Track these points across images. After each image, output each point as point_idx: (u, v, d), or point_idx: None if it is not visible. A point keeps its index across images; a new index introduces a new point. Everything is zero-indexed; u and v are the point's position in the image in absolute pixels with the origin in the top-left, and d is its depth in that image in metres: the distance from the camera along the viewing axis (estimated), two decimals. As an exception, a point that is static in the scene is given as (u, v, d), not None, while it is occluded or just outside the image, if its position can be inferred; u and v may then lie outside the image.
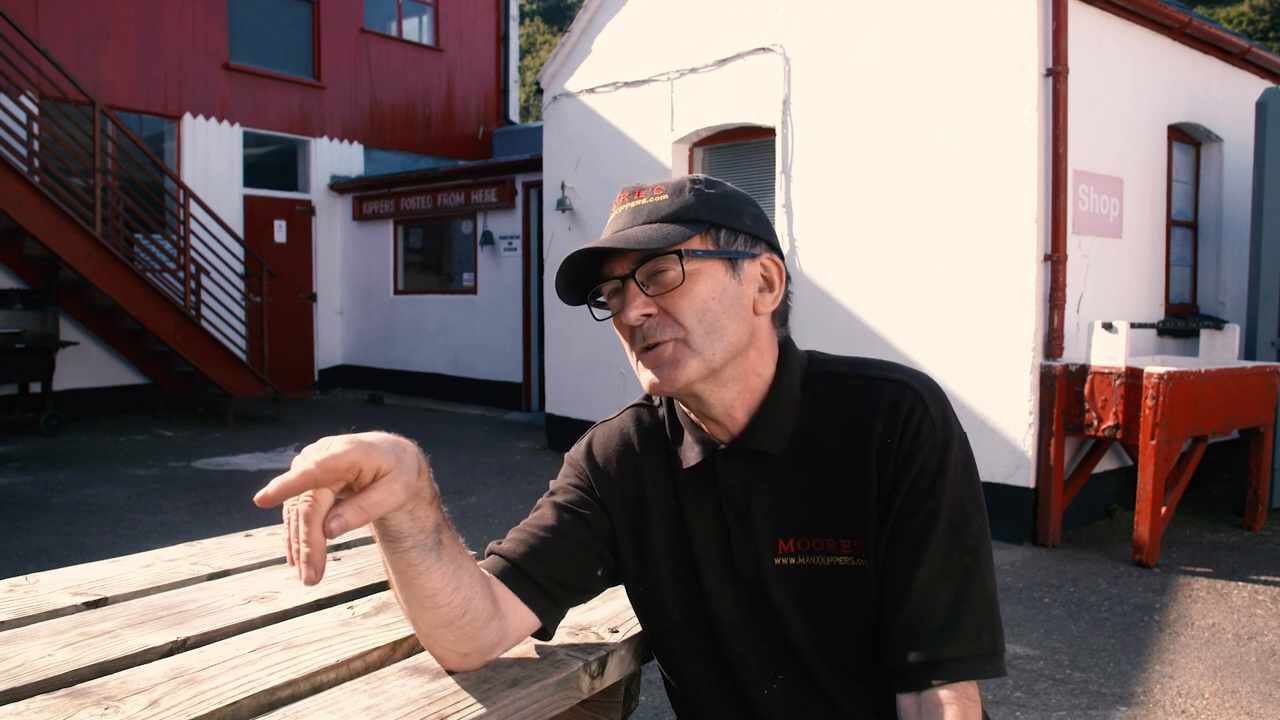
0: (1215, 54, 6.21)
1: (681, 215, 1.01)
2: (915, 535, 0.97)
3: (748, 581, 1.05)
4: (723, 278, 1.01)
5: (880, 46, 5.43)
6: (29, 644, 1.04)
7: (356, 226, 11.34)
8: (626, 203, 1.05)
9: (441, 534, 0.94)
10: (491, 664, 1.03)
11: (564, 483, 1.17)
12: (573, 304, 1.08)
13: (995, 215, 4.98)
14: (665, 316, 1.00)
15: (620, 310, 1.02)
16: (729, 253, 1.02)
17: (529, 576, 1.06)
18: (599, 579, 1.13)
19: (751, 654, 1.06)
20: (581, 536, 1.11)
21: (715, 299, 1.00)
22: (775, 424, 1.04)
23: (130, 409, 9.20)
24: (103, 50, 9.22)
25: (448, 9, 12.50)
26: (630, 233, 1.00)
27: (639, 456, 1.13)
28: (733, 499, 1.06)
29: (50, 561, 4.24)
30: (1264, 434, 5.07)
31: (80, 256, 7.65)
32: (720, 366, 1.01)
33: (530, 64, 29.27)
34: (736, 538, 1.05)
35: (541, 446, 7.63)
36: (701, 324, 1.00)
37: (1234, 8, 27.33)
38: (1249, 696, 3.03)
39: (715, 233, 1.02)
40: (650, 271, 1.00)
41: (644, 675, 1.26)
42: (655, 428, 1.15)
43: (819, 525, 1.03)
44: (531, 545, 1.08)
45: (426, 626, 0.97)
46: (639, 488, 1.12)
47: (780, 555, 1.04)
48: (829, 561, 1.02)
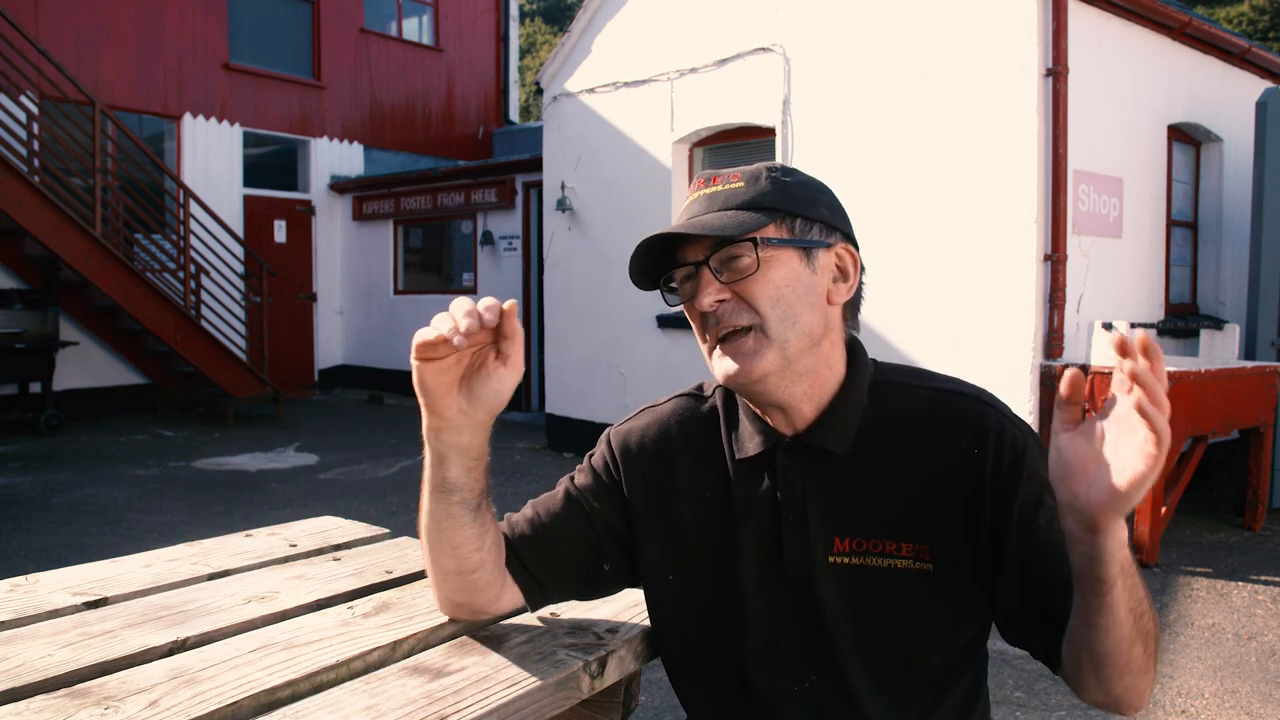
0: (1215, 54, 6.21)
1: (757, 203, 1.00)
2: (1044, 531, 0.98)
3: (794, 579, 1.04)
4: (797, 266, 1.01)
5: (880, 47, 5.43)
6: (29, 644, 1.04)
7: (356, 226, 11.34)
8: (702, 189, 1.04)
9: (483, 499, 1.04)
10: (492, 664, 1.03)
11: (590, 465, 1.18)
12: (645, 289, 1.08)
13: (995, 215, 4.98)
14: (739, 302, 1.00)
15: (693, 296, 1.02)
16: (804, 241, 1.01)
17: (520, 560, 1.11)
18: (605, 574, 1.14)
19: (786, 652, 1.05)
20: (583, 531, 1.12)
21: (790, 286, 1.00)
22: (844, 422, 1.04)
23: (130, 409, 9.20)
24: (103, 50, 9.22)
25: (448, 9, 12.50)
26: (706, 219, 1.00)
27: (680, 447, 1.13)
28: (790, 494, 1.05)
29: (50, 561, 4.24)
30: (1264, 434, 5.07)
31: (80, 256, 7.65)
32: (795, 357, 1.01)
33: (530, 64, 29.28)
34: (789, 533, 1.04)
35: (541, 446, 7.63)
36: (776, 310, 0.99)
37: (1234, 8, 27.33)
38: (1249, 696, 3.03)
39: (790, 221, 1.01)
40: (725, 258, 1.00)
41: (644, 675, 1.26)
42: (704, 417, 1.15)
43: (879, 527, 1.03)
44: (531, 530, 1.12)
45: (440, 571, 1.07)
46: (675, 479, 1.12)
47: (836, 554, 1.03)
48: (886, 564, 1.02)
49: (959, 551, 1.01)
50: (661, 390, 1.28)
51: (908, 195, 5.31)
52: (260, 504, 5.57)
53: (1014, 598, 1.00)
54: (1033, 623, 0.98)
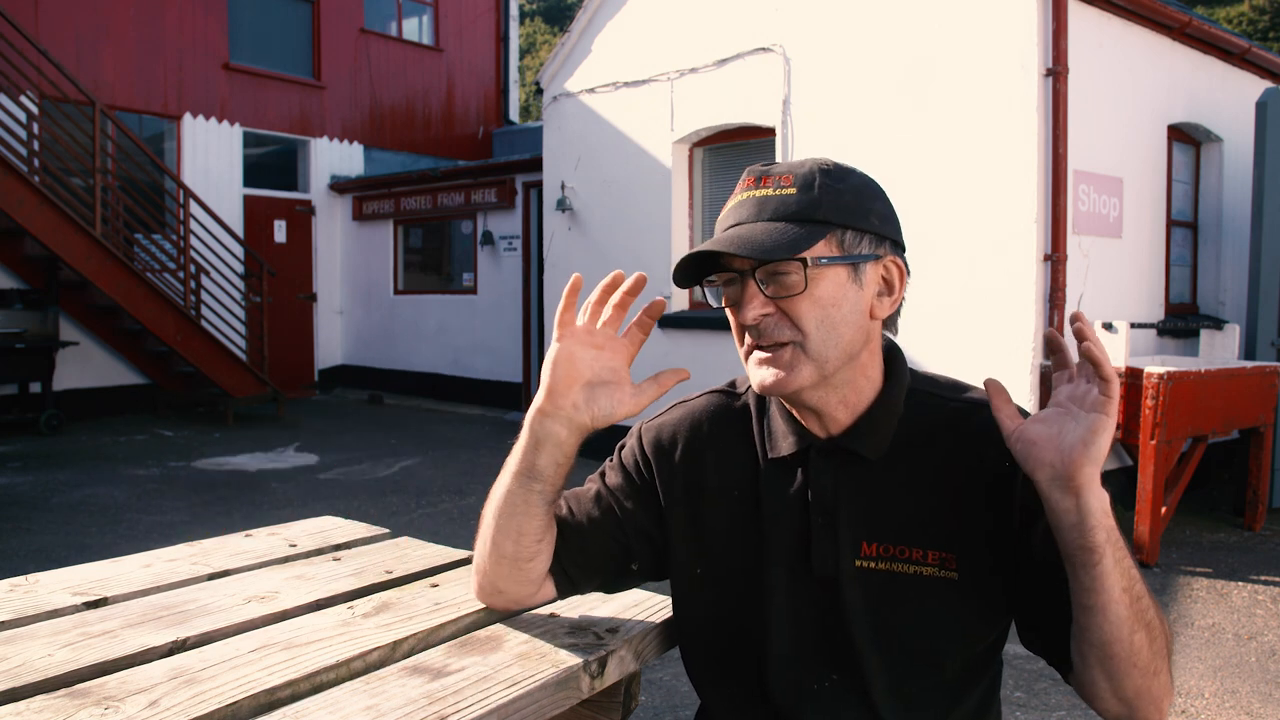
0: (1215, 54, 6.21)
1: (808, 214, 0.98)
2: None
3: (821, 580, 1.05)
4: (844, 282, 1.00)
5: (880, 47, 5.44)
6: (29, 644, 1.04)
7: (356, 226, 11.34)
8: (752, 189, 1.02)
9: (557, 498, 1.08)
10: (492, 664, 1.03)
11: (620, 462, 1.19)
12: (683, 287, 1.07)
13: (995, 215, 4.98)
14: (783, 318, 0.99)
15: (737, 303, 1.01)
16: (853, 257, 1.00)
17: (555, 556, 1.12)
18: (633, 572, 1.16)
19: (807, 652, 1.06)
20: (614, 530, 1.14)
21: (835, 306, 0.99)
22: (878, 429, 1.05)
23: (130, 409, 9.19)
24: (103, 50, 9.22)
25: (448, 9, 12.50)
26: (755, 232, 0.97)
27: (711, 444, 1.14)
28: (821, 496, 1.05)
29: (50, 561, 4.24)
30: (1264, 434, 5.07)
31: (80, 256, 7.65)
32: (832, 373, 1.01)
33: (530, 64, 29.27)
34: (818, 534, 1.05)
35: (541, 446, 7.62)
36: (820, 330, 0.98)
37: (1234, 8, 27.33)
38: (1249, 696, 3.03)
39: (841, 234, 0.99)
40: (771, 271, 0.98)
41: (644, 675, 1.26)
42: (736, 416, 1.15)
43: (907, 534, 1.03)
44: (563, 527, 1.13)
45: (497, 554, 1.09)
46: (704, 476, 1.13)
47: (863, 558, 1.03)
48: (912, 570, 1.03)
49: (984, 562, 1.02)
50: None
51: (908, 195, 5.31)
52: (260, 504, 5.57)
53: (1037, 608, 1.00)
54: (1053, 631, 0.98)
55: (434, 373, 10.61)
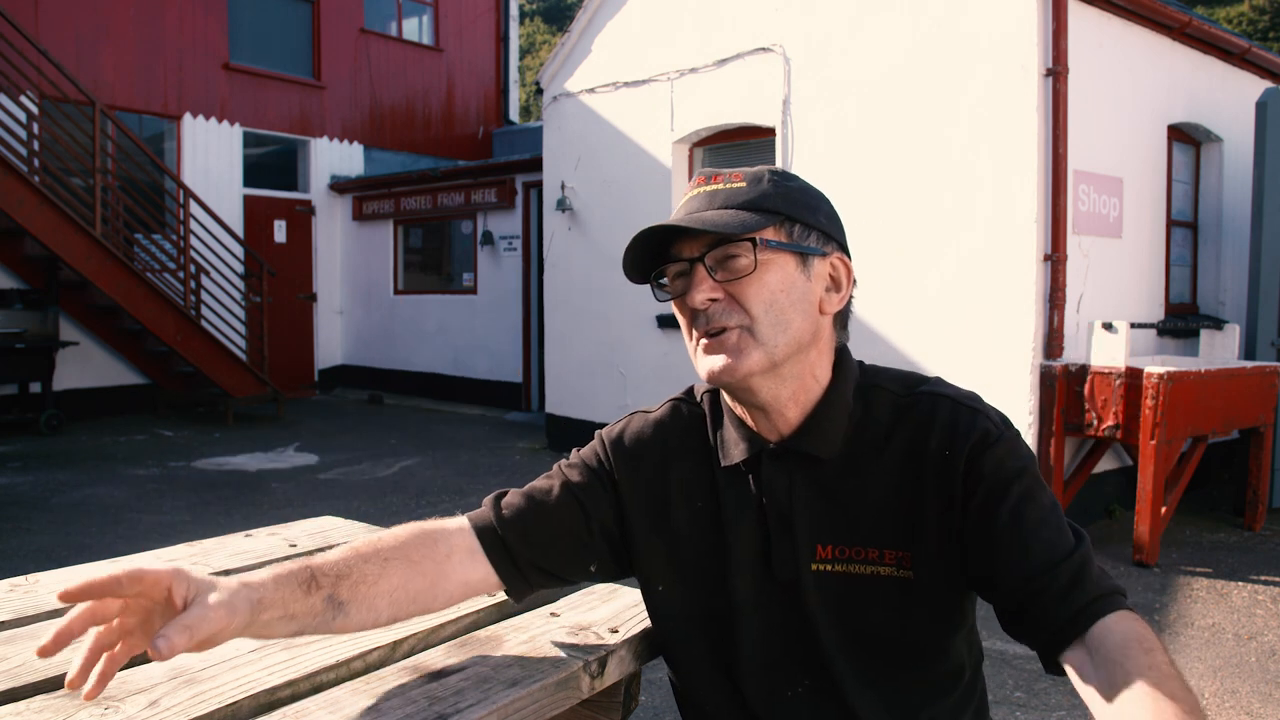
0: (1215, 54, 6.21)
1: (759, 204, 1.00)
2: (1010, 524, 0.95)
3: (782, 585, 1.04)
4: (793, 271, 1.01)
5: (880, 47, 5.43)
6: (29, 644, 1.04)
7: (356, 226, 11.34)
8: (703, 186, 1.04)
9: (336, 596, 0.95)
10: (492, 664, 1.03)
11: (582, 461, 1.15)
12: (636, 282, 1.07)
13: (995, 215, 4.98)
14: (732, 303, 0.99)
15: (684, 292, 1.01)
16: (802, 247, 1.01)
17: (508, 549, 1.08)
18: (590, 574, 1.13)
19: (778, 659, 1.05)
20: (575, 529, 1.10)
21: (784, 291, 1.00)
22: (828, 428, 1.04)
23: (130, 409, 9.20)
24: (103, 50, 9.22)
25: (448, 9, 12.50)
26: (706, 215, 0.99)
27: (672, 451, 1.13)
28: (776, 500, 1.04)
29: (50, 561, 4.25)
30: (1264, 434, 5.07)
31: (80, 256, 7.65)
32: (782, 361, 1.00)
33: (530, 64, 29.27)
34: (776, 540, 1.04)
35: (541, 446, 7.63)
36: (768, 314, 0.99)
37: (1234, 8, 27.33)
38: (1249, 696, 3.03)
39: (790, 226, 1.01)
40: (721, 257, 0.99)
41: (644, 675, 1.26)
42: (694, 423, 1.14)
43: (861, 534, 1.02)
44: (524, 522, 1.09)
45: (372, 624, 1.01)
46: (667, 484, 1.11)
47: (818, 561, 1.03)
48: (869, 571, 1.02)
49: (939, 556, 1.00)
50: (662, 390, 1.29)
51: (908, 195, 5.31)
52: (260, 504, 5.57)
53: (997, 592, 0.97)
54: (1019, 616, 0.95)
55: (434, 373, 10.61)
